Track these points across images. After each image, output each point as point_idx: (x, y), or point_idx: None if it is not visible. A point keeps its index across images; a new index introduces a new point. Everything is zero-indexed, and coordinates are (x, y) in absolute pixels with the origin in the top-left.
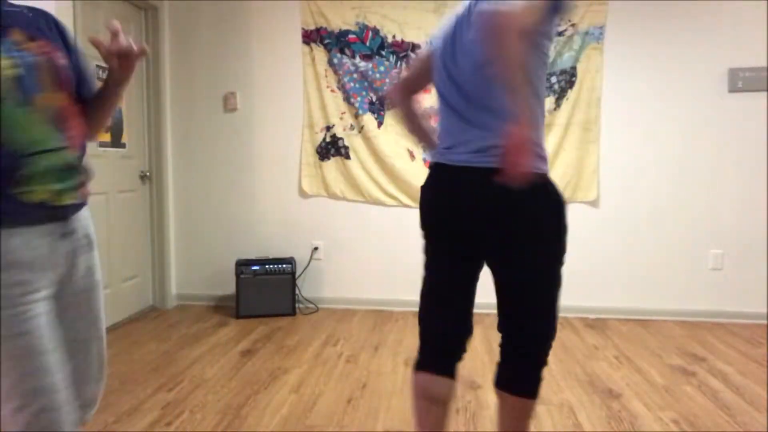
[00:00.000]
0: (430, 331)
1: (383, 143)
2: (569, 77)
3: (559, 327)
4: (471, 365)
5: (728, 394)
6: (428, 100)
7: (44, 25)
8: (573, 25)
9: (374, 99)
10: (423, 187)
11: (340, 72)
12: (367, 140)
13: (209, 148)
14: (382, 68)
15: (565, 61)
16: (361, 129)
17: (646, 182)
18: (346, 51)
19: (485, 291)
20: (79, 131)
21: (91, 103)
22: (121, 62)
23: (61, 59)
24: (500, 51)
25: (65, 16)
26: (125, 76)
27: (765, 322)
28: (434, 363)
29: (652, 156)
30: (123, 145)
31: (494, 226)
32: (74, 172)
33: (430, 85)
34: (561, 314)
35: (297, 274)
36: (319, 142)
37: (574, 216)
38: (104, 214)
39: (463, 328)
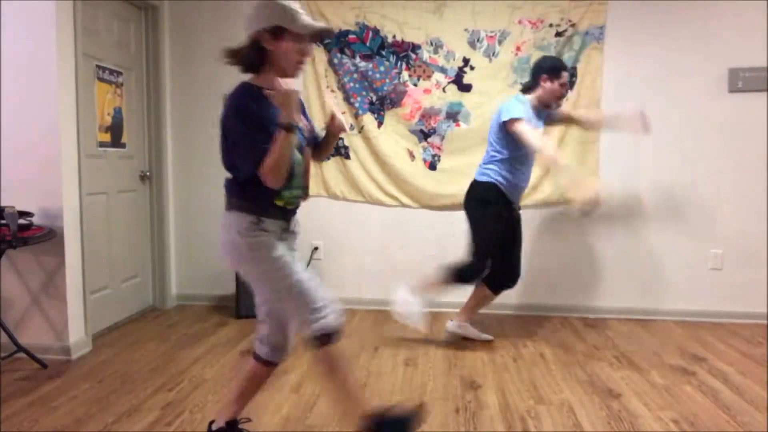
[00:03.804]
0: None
1: (383, 143)
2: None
3: (559, 327)
4: (471, 365)
5: (728, 394)
6: (427, 100)
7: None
8: (573, 25)
9: (374, 99)
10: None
11: (340, 72)
12: (367, 140)
13: (209, 148)
14: (382, 68)
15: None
16: (361, 129)
17: (645, 182)
18: (346, 51)
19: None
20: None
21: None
22: (334, 130)
23: (311, 131)
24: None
25: (65, 16)
26: (336, 136)
27: (765, 322)
28: None
29: (652, 156)
30: (123, 145)
31: None
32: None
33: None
34: (561, 314)
35: None
36: None
37: (574, 216)
38: (104, 214)
39: None
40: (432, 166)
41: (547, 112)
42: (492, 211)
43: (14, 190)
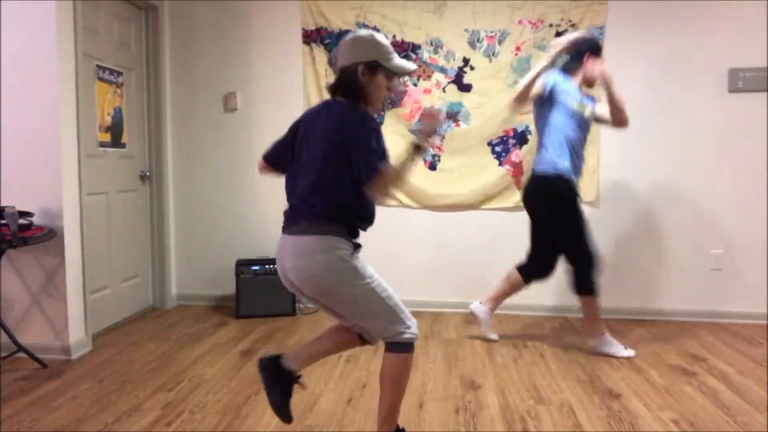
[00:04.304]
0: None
1: None
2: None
3: (559, 327)
4: (471, 365)
5: (728, 394)
6: (427, 100)
7: None
8: (573, 25)
9: None
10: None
11: None
12: None
13: (209, 148)
14: None
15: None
16: None
17: (645, 182)
18: None
19: (482, 293)
20: None
21: None
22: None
23: None
24: None
25: (65, 16)
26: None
27: (765, 322)
28: None
29: (652, 156)
30: (123, 145)
31: None
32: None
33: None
34: (561, 314)
35: None
36: None
37: None
38: (104, 214)
39: None
40: (432, 166)
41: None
42: (574, 204)
43: (14, 190)
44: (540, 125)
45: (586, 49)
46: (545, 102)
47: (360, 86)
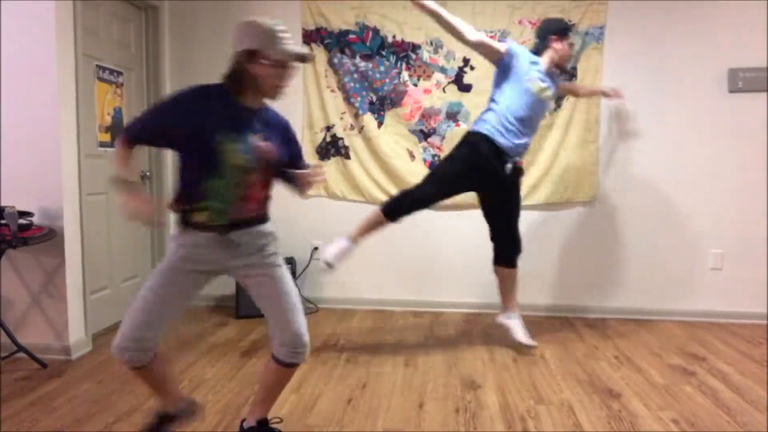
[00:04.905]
0: None
1: (383, 143)
2: (569, 77)
3: (559, 327)
4: (471, 365)
5: (728, 394)
6: (427, 100)
7: (276, 129)
8: (573, 25)
9: (374, 99)
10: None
11: (340, 72)
12: (367, 140)
13: None
14: (382, 68)
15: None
16: (361, 129)
17: (645, 182)
18: (346, 51)
19: (482, 293)
20: (259, 198)
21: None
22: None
23: (275, 155)
24: None
25: (65, 16)
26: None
27: (765, 322)
28: None
29: (652, 156)
30: None
31: None
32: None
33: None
34: (561, 314)
35: (297, 274)
36: (319, 142)
37: (574, 216)
38: (104, 214)
39: None
40: (432, 166)
41: (559, 78)
42: (467, 158)
43: (14, 190)
44: (493, 88)
45: (551, 31)
46: (503, 69)
47: (243, 75)
